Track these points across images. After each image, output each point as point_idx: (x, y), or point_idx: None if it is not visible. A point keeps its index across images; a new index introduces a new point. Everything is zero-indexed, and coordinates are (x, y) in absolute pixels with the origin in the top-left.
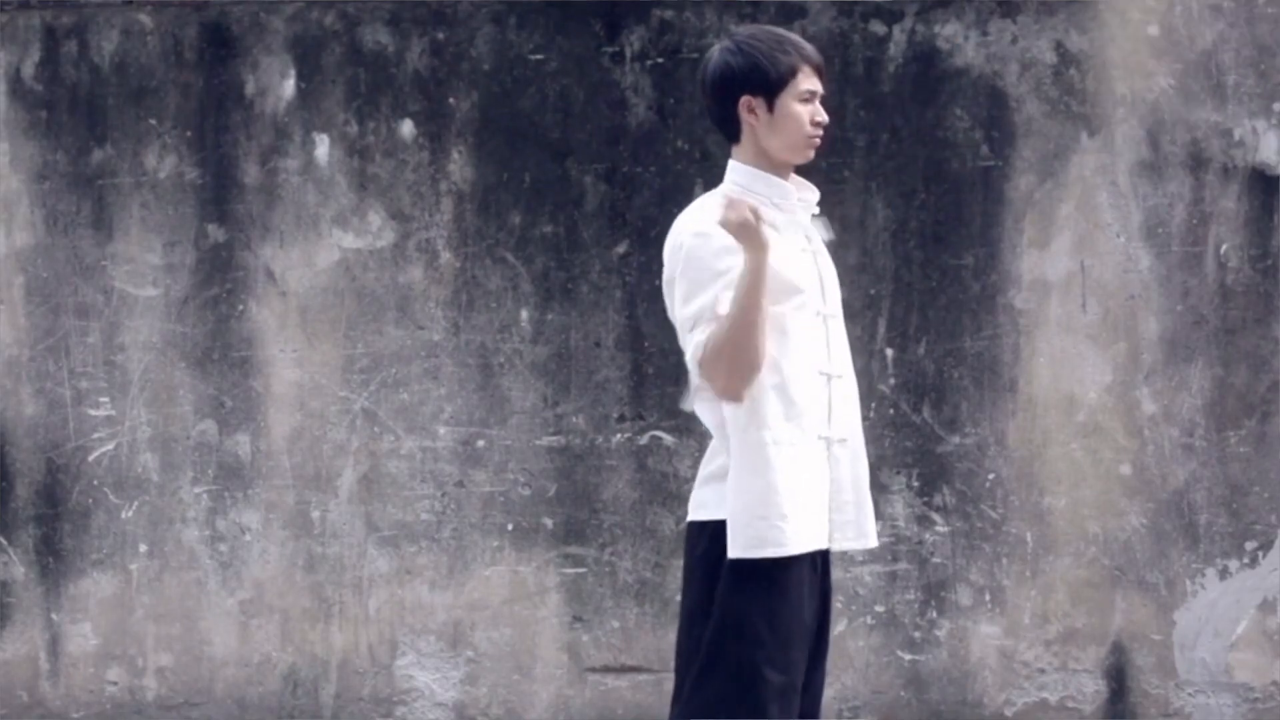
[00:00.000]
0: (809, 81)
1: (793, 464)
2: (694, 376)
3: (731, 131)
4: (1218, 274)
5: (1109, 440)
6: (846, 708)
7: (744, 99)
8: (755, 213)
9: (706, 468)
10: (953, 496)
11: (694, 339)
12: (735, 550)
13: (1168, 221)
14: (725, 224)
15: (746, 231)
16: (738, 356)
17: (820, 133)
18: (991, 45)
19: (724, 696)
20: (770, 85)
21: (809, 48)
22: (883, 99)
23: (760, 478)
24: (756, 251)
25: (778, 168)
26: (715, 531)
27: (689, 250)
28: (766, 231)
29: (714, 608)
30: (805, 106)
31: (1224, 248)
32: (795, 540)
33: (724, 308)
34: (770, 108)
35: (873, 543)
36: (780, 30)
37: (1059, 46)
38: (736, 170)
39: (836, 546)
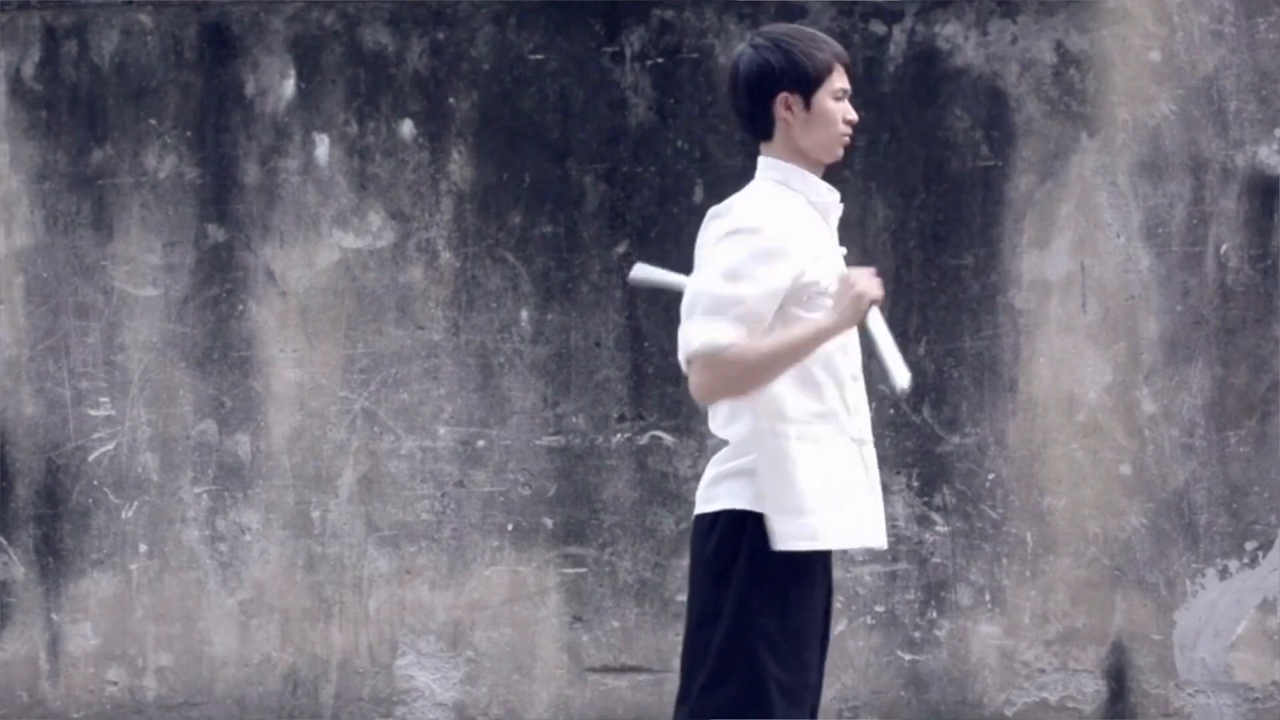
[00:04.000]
0: (841, 79)
1: (823, 462)
2: (682, 354)
3: (763, 129)
4: (1218, 274)
5: (1109, 440)
6: (846, 708)
7: (781, 95)
8: (876, 301)
9: (722, 463)
10: (953, 496)
11: (713, 327)
12: (780, 543)
13: (1168, 221)
14: (845, 281)
15: (855, 304)
16: (742, 384)
17: (850, 131)
18: (991, 45)
19: (736, 698)
20: (808, 82)
21: (839, 46)
22: (883, 99)
23: (785, 474)
24: (844, 322)
25: (810, 166)
26: (727, 523)
27: (750, 235)
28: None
29: (725, 608)
30: (838, 104)
31: (1224, 248)
32: (825, 535)
33: (758, 312)
34: (807, 105)
35: (884, 543)
36: (810, 29)
37: (1059, 46)
38: (773, 166)
39: (862, 544)
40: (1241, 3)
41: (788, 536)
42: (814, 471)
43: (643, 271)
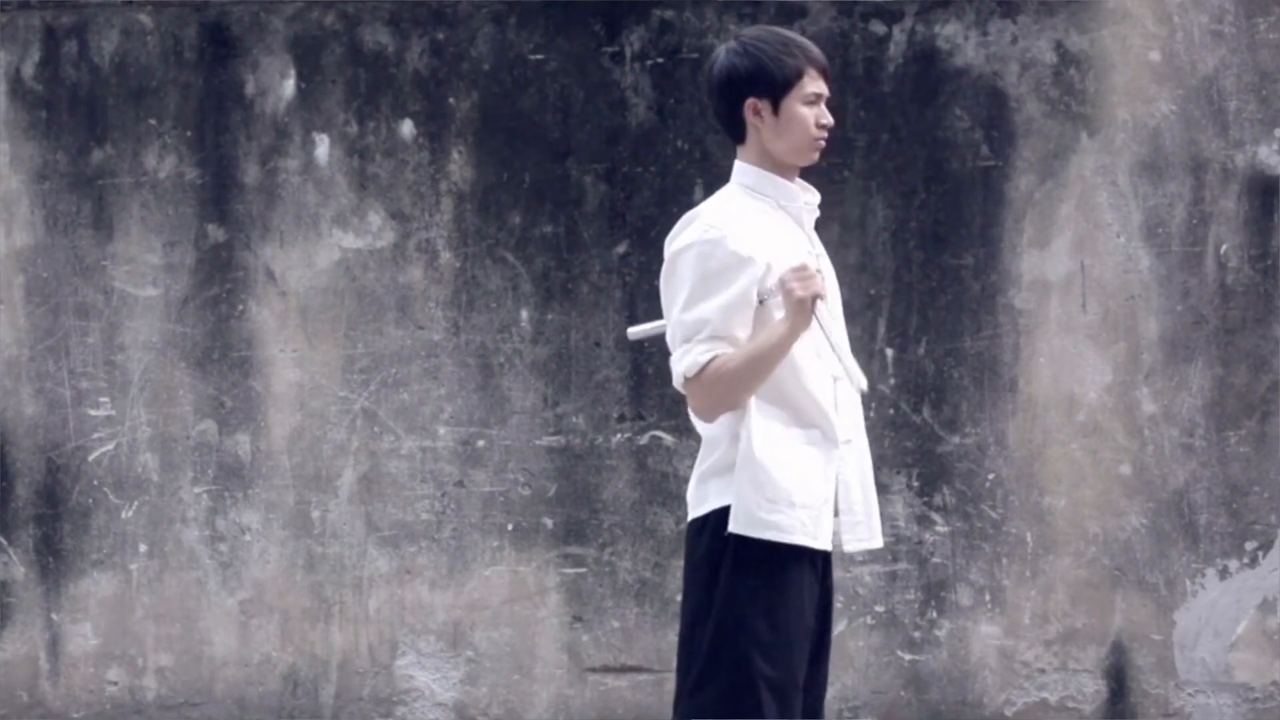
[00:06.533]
0: (814, 84)
1: (801, 460)
2: (676, 381)
3: (736, 133)
4: (1218, 274)
5: (1109, 440)
6: (846, 708)
7: (749, 101)
8: (818, 296)
9: (704, 463)
10: (953, 496)
11: (691, 353)
12: (737, 526)
13: (1168, 221)
14: (785, 283)
15: (801, 307)
16: (731, 396)
17: (825, 135)
18: (991, 45)
19: (723, 696)
20: (775, 87)
21: (815, 50)
22: (883, 99)
23: (767, 464)
24: (799, 324)
25: (782, 169)
26: (716, 524)
27: (697, 254)
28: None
29: (713, 607)
30: (810, 109)
31: (1224, 248)
32: (800, 530)
33: (725, 326)
34: (775, 110)
35: (879, 542)
36: (786, 32)
37: (1059, 46)
38: (744, 171)
39: (848, 548)
40: (1241, 3)
41: (740, 523)
42: (787, 466)
43: (638, 330)
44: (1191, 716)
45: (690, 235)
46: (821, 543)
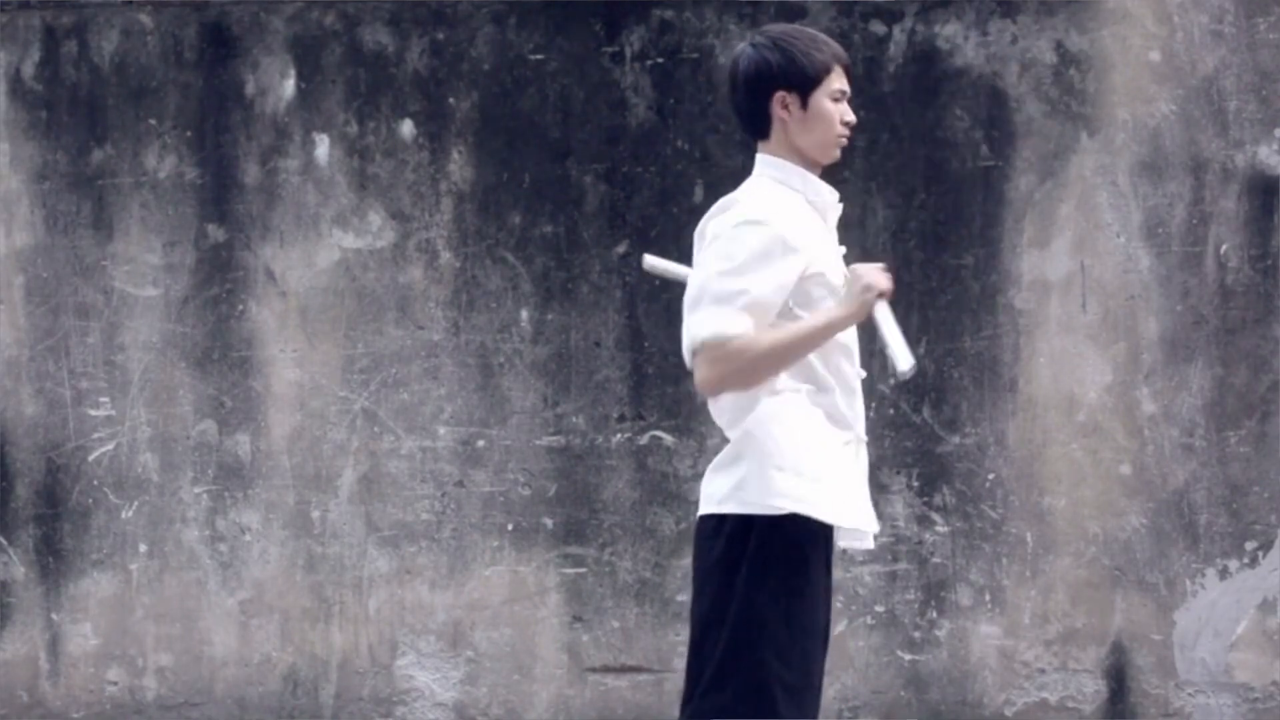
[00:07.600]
0: (840, 81)
1: (834, 453)
2: (687, 346)
3: (760, 128)
4: (1218, 274)
5: (1109, 440)
6: (846, 708)
7: (779, 95)
8: (885, 294)
9: (732, 464)
10: (953, 496)
11: (720, 317)
12: (769, 499)
13: (1168, 221)
14: (854, 273)
15: (863, 296)
16: (752, 375)
17: (848, 133)
18: (991, 45)
19: (741, 699)
20: (806, 82)
21: (839, 47)
22: (883, 99)
23: (787, 433)
24: (853, 314)
25: (807, 166)
26: (735, 525)
27: (754, 231)
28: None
29: (730, 610)
30: (836, 105)
31: (1224, 248)
32: (833, 512)
33: (763, 304)
34: (804, 104)
35: (871, 542)
36: (811, 29)
37: (1059, 46)
38: (773, 164)
39: (843, 543)
40: (1241, 3)
41: (782, 495)
42: (813, 441)
43: (654, 262)
44: (1191, 716)
45: (744, 213)
46: (838, 518)
